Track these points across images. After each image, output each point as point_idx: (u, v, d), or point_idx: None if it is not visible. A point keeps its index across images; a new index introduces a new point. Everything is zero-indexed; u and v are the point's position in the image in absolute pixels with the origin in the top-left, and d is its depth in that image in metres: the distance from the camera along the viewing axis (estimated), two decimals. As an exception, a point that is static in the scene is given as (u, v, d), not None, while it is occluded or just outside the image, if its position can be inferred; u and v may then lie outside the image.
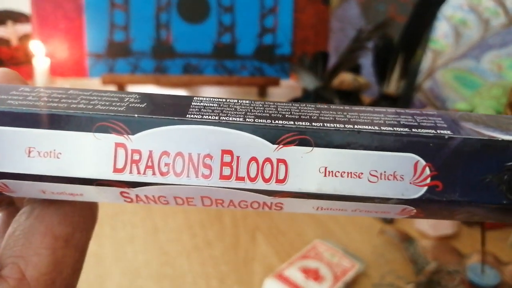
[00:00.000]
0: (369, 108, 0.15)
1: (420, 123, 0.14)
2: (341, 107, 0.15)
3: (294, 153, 0.13)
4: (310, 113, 0.14)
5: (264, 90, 1.05)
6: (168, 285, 0.44)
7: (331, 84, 0.84)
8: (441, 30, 0.87)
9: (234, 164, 0.13)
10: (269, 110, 0.14)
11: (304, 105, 0.15)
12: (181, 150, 0.13)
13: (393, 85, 0.84)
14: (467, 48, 0.84)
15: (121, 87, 0.98)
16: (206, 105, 0.14)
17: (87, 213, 0.16)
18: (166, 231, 0.52)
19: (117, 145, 0.13)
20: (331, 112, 0.14)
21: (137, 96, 0.15)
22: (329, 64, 0.93)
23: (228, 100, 0.15)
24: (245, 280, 0.45)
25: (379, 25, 0.87)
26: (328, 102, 0.79)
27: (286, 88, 1.06)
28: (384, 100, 0.85)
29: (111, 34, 0.97)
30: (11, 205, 0.17)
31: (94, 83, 0.98)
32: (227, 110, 0.14)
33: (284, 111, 0.14)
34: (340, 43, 1.09)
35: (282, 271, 0.43)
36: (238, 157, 0.13)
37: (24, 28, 0.96)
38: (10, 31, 0.94)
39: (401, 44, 0.83)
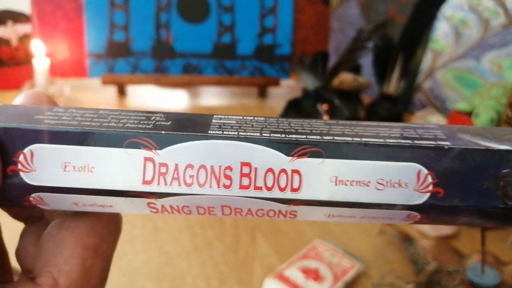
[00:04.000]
0: (374, 123, 0.17)
1: (422, 136, 0.15)
2: (349, 122, 0.17)
3: (307, 164, 0.14)
4: (321, 128, 0.16)
5: (264, 90, 1.04)
6: (168, 285, 0.44)
7: (331, 84, 0.84)
8: (441, 30, 0.87)
9: (252, 175, 0.14)
10: (283, 125, 0.16)
11: (315, 121, 0.16)
12: (204, 163, 0.14)
13: (393, 85, 0.84)
14: (467, 48, 0.84)
15: (121, 87, 0.98)
16: (226, 122, 0.16)
17: (112, 225, 0.17)
18: (166, 231, 0.52)
19: (146, 159, 0.14)
20: (339, 127, 0.16)
21: (162, 115, 0.16)
22: (329, 64, 0.93)
23: (245, 118, 0.17)
24: (245, 280, 0.45)
25: (379, 25, 0.87)
26: (328, 102, 0.79)
27: (286, 88, 1.06)
28: (384, 100, 0.85)
29: (111, 34, 0.97)
30: (41, 219, 0.18)
31: (94, 83, 0.98)
32: (245, 126, 0.15)
33: (297, 126, 0.16)
34: (340, 43, 1.09)
35: (282, 271, 0.43)
36: (256, 168, 0.14)
37: (24, 28, 0.96)
38: (10, 31, 0.94)
39: (401, 44, 0.83)
